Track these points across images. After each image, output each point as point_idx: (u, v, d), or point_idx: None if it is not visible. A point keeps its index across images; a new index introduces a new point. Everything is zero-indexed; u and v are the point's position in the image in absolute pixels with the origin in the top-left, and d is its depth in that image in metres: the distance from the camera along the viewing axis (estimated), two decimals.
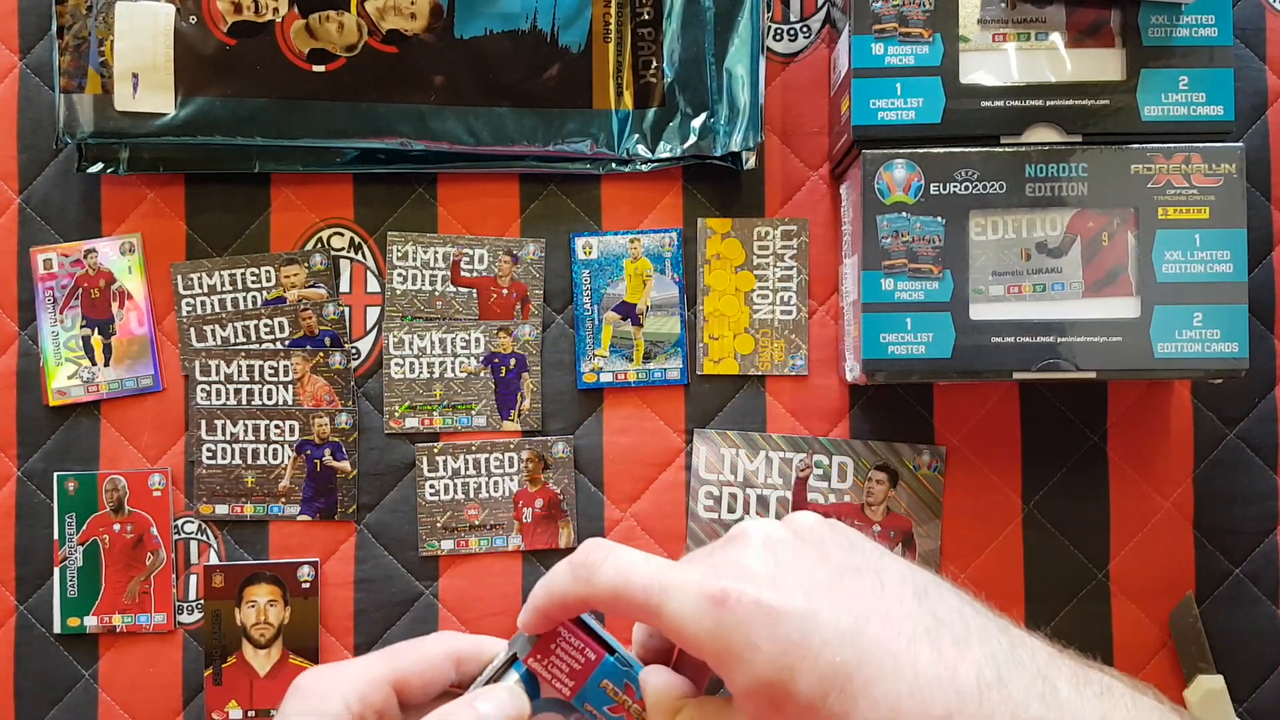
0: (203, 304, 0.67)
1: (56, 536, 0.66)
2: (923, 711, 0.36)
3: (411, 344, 0.66)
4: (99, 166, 0.65)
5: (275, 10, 0.63)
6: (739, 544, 0.40)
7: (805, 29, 0.67)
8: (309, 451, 0.66)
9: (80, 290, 0.66)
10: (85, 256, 0.66)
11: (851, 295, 0.62)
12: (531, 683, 0.42)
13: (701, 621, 0.38)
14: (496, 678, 0.43)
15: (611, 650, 0.42)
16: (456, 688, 0.44)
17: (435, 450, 0.66)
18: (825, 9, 0.67)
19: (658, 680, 0.41)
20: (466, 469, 0.66)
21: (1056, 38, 0.59)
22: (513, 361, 0.66)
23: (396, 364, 0.66)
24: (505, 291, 0.67)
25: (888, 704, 0.36)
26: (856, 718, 0.36)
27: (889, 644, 0.37)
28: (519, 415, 0.66)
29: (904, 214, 0.58)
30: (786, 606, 0.37)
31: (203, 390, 0.66)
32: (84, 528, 0.66)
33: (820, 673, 0.36)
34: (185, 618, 0.66)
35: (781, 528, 0.41)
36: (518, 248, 0.67)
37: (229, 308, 0.67)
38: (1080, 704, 0.37)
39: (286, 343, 0.67)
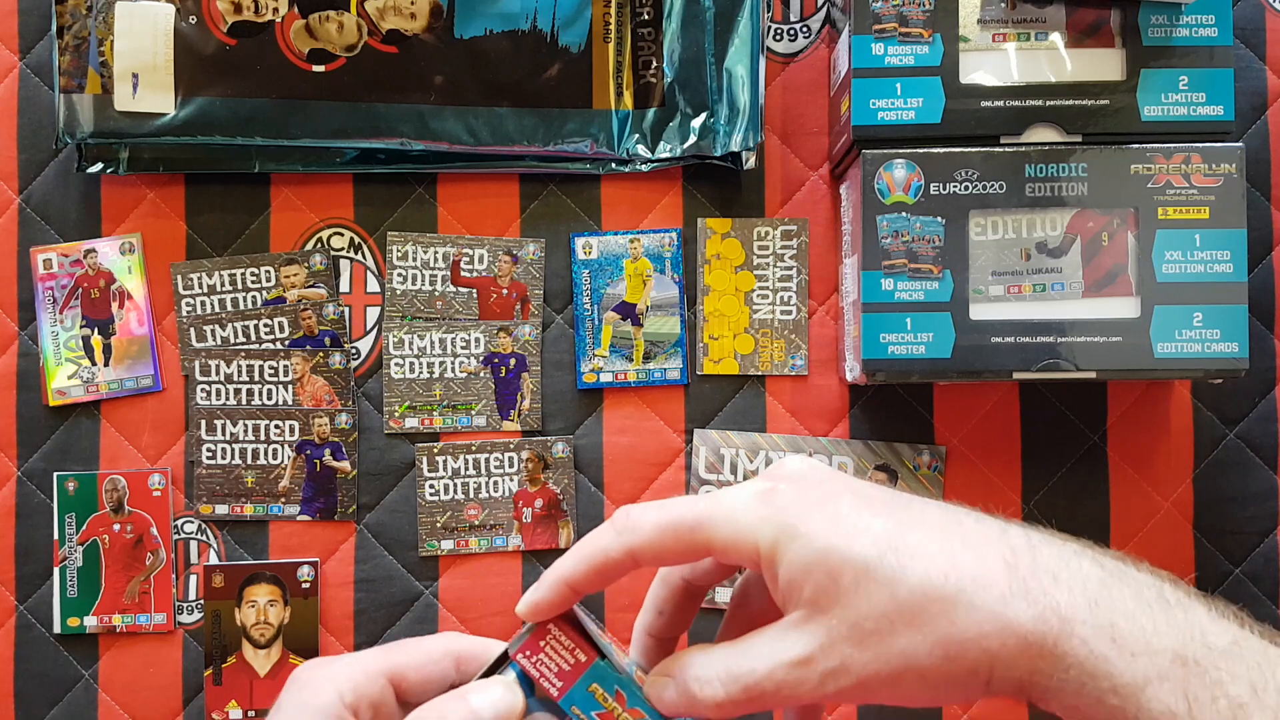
0: (203, 304, 0.67)
1: (56, 536, 0.66)
2: (979, 563, 0.37)
3: (411, 344, 0.66)
4: (99, 166, 0.65)
5: (275, 10, 0.63)
6: (763, 473, 0.42)
7: (805, 29, 0.67)
8: (309, 451, 0.66)
9: (80, 290, 0.66)
10: (85, 256, 0.66)
11: (851, 295, 0.62)
12: (528, 681, 0.42)
13: (753, 512, 0.39)
14: (489, 675, 0.42)
15: (603, 654, 0.41)
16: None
17: (435, 450, 0.66)
18: (825, 9, 0.67)
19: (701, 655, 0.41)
20: (466, 469, 0.66)
21: (1056, 38, 0.59)
22: (513, 361, 0.66)
23: (396, 364, 0.66)
24: (505, 291, 0.67)
25: (945, 557, 0.38)
26: (914, 569, 0.37)
27: (935, 512, 0.39)
28: (519, 415, 0.66)
29: (904, 214, 0.58)
30: (836, 488, 0.40)
31: (203, 390, 0.66)
32: (84, 528, 0.66)
33: (875, 534, 0.38)
34: (185, 618, 0.66)
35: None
36: (518, 248, 0.67)
37: (229, 308, 0.67)
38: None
39: (286, 343, 0.67)
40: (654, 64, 0.65)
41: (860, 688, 0.38)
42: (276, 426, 0.66)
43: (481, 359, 0.67)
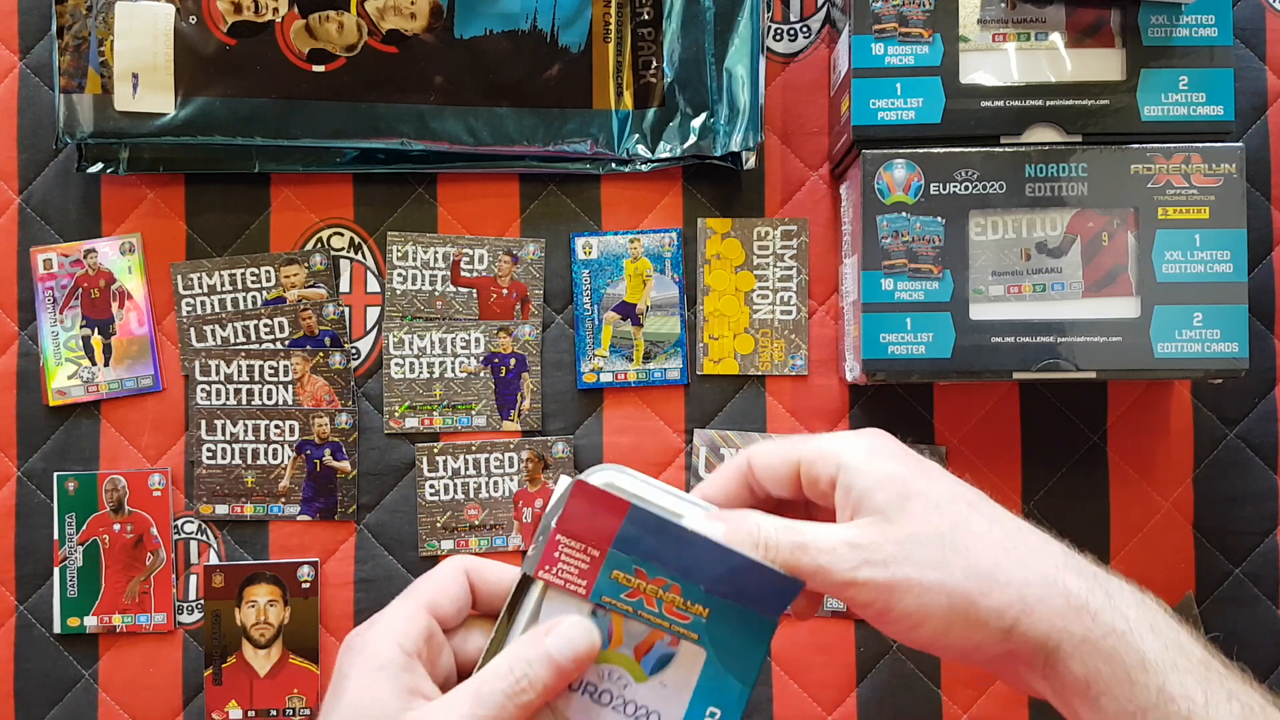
0: (203, 304, 0.67)
1: (56, 536, 0.66)
2: (1040, 541, 0.43)
3: (411, 344, 0.66)
4: (99, 166, 0.65)
5: (275, 10, 0.63)
6: None
7: (805, 29, 0.67)
8: (309, 451, 0.66)
9: (80, 290, 0.66)
10: (85, 256, 0.66)
11: (851, 295, 0.62)
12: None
13: (846, 438, 0.45)
14: (515, 604, 0.43)
15: (614, 541, 0.42)
16: (474, 610, 0.45)
17: (435, 450, 0.66)
18: (825, 9, 0.67)
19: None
20: (466, 469, 0.66)
21: (1056, 38, 0.59)
22: (513, 361, 0.66)
23: (396, 364, 0.66)
24: (505, 291, 0.67)
25: (1011, 525, 0.44)
26: (979, 520, 0.43)
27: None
28: (519, 415, 0.66)
29: (904, 214, 0.58)
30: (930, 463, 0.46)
31: (203, 390, 0.66)
32: (84, 528, 0.66)
33: (955, 489, 0.44)
34: (185, 618, 0.66)
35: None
36: (518, 248, 0.67)
37: (229, 308, 0.67)
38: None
39: (286, 343, 0.67)
40: (654, 64, 0.65)
41: (889, 590, 0.41)
42: (276, 426, 0.66)
43: (481, 359, 0.67)
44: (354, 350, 0.67)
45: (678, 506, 0.43)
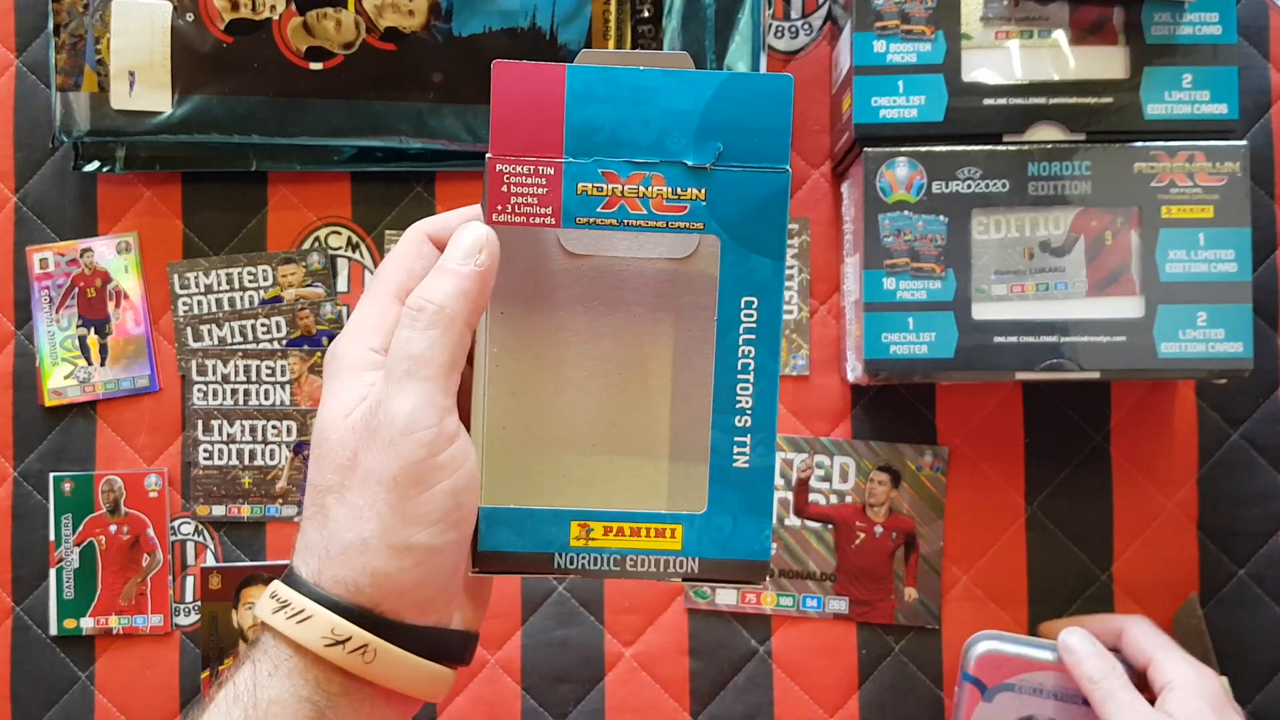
0: (199, 303, 0.66)
1: (52, 538, 0.65)
2: None
3: None
4: (95, 165, 0.65)
5: (272, 7, 0.63)
6: None
7: (806, 26, 0.67)
8: (306, 452, 0.66)
9: (76, 290, 0.66)
10: (81, 256, 0.66)
11: (853, 294, 0.62)
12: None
13: None
14: None
15: (564, 143, 0.36)
16: None
17: None
18: (827, 6, 0.67)
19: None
20: None
21: (1059, 35, 0.59)
22: None
23: None
24: None
25: None
26: None
27: None
28: None
29: (906, 213, 0.58)
30: None
31: (199, 390, 0.66)
32: (80, 529, 0.65)
33: None
34: (182, 619, 0.65)
35: None
36: None
37: (226, 307, 0.66)
38: None
39: (284, 342, 0.66)
40: None
41: None
42: (274, 427, 0.66)
43: None
44: None
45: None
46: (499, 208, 0.37)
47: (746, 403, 0.38)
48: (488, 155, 0.38)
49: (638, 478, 0.39)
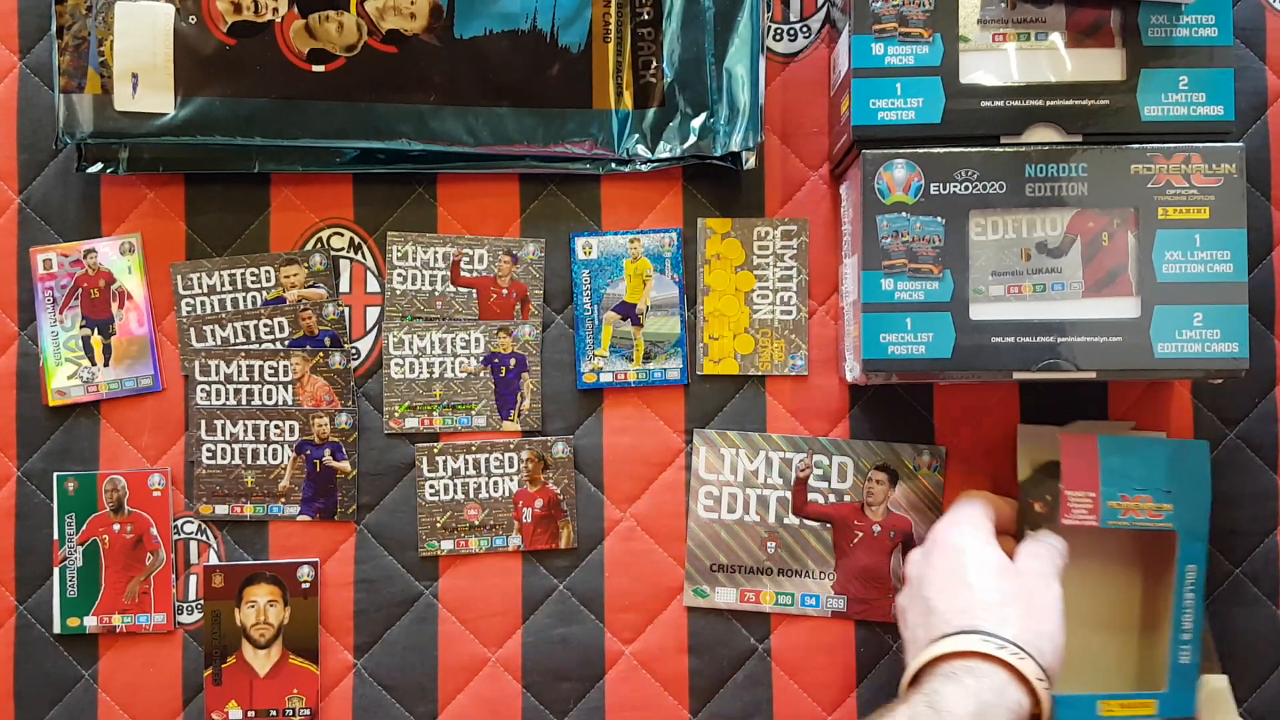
0: (202, 304, 0.67)
1: (56, 537, 0.66)
2: None
3: (411, 344, 0.66)
4: (98, 166, 0.65)
5: (275, 10, 0.63)
6: None
7: (805, 29, 0.67)
8: (309, 451, 0.66)
9: (80, 290, 0.66)
10: (85, 256, 0.66)
11: (851, 295, 0.62)
12: None
13: None
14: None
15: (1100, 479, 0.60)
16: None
17: (435, 450, 0.66)
18: (825, 9, 0.67)
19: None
20: (466, 469, 0.66)
21: (1056, 38, 0.59)
22: (513, 361, 0.66)
23: (396, 364, 0.66)
24: (505, 291, 0.67)
25: None
26: None
27: None
28: (519, 415, 0.66)
29: (904, 214, 0.58)
30: None
31: (202, 390, 0.66)
32: (84, 528, 0.66)
33: None
34: (185, 618, 0.66)
35: None
36: (517, 248, 0.67)
37: (229, 308, 0.67)
38: None
39: (286, 343, 0.67)
40: (654, 64, 0.65)
41: None
42: (276, 426, 0.66)
43: (481, 359, 0.66)
44: (354, 350, 0.67)
45: None
46: (1065, 516, 0.60)
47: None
48: (1060, 485, 0.60)
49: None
